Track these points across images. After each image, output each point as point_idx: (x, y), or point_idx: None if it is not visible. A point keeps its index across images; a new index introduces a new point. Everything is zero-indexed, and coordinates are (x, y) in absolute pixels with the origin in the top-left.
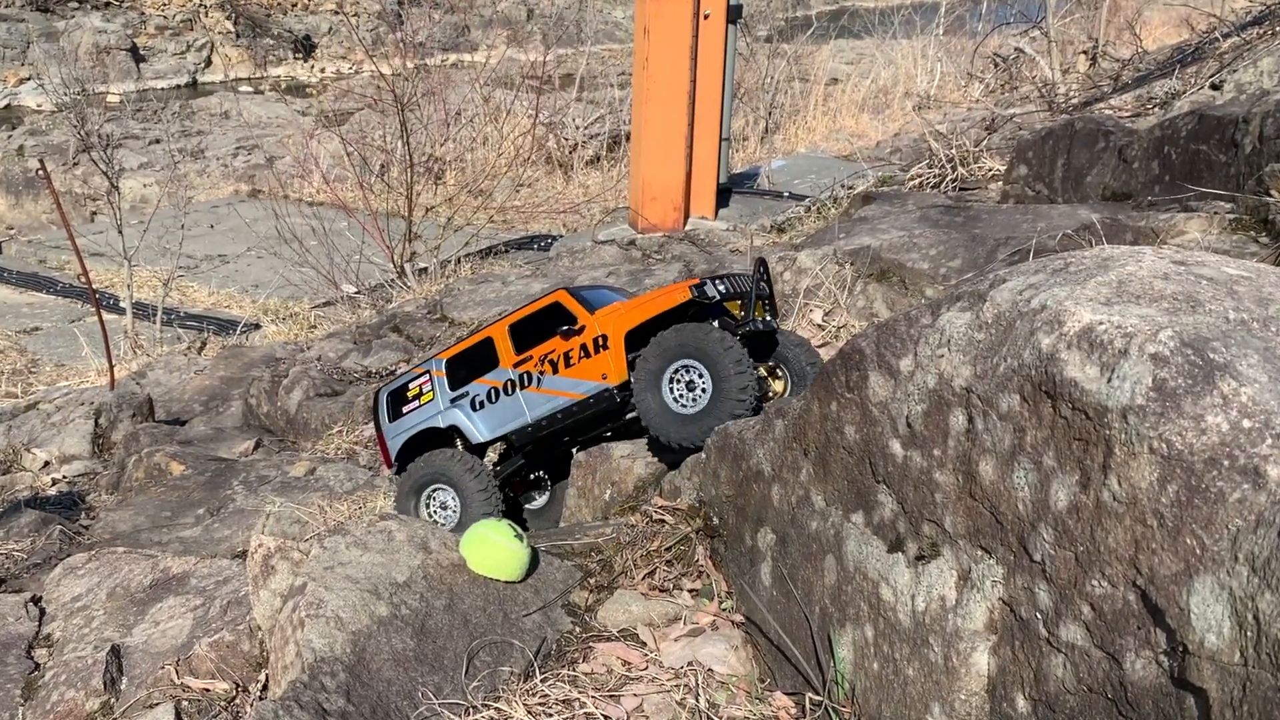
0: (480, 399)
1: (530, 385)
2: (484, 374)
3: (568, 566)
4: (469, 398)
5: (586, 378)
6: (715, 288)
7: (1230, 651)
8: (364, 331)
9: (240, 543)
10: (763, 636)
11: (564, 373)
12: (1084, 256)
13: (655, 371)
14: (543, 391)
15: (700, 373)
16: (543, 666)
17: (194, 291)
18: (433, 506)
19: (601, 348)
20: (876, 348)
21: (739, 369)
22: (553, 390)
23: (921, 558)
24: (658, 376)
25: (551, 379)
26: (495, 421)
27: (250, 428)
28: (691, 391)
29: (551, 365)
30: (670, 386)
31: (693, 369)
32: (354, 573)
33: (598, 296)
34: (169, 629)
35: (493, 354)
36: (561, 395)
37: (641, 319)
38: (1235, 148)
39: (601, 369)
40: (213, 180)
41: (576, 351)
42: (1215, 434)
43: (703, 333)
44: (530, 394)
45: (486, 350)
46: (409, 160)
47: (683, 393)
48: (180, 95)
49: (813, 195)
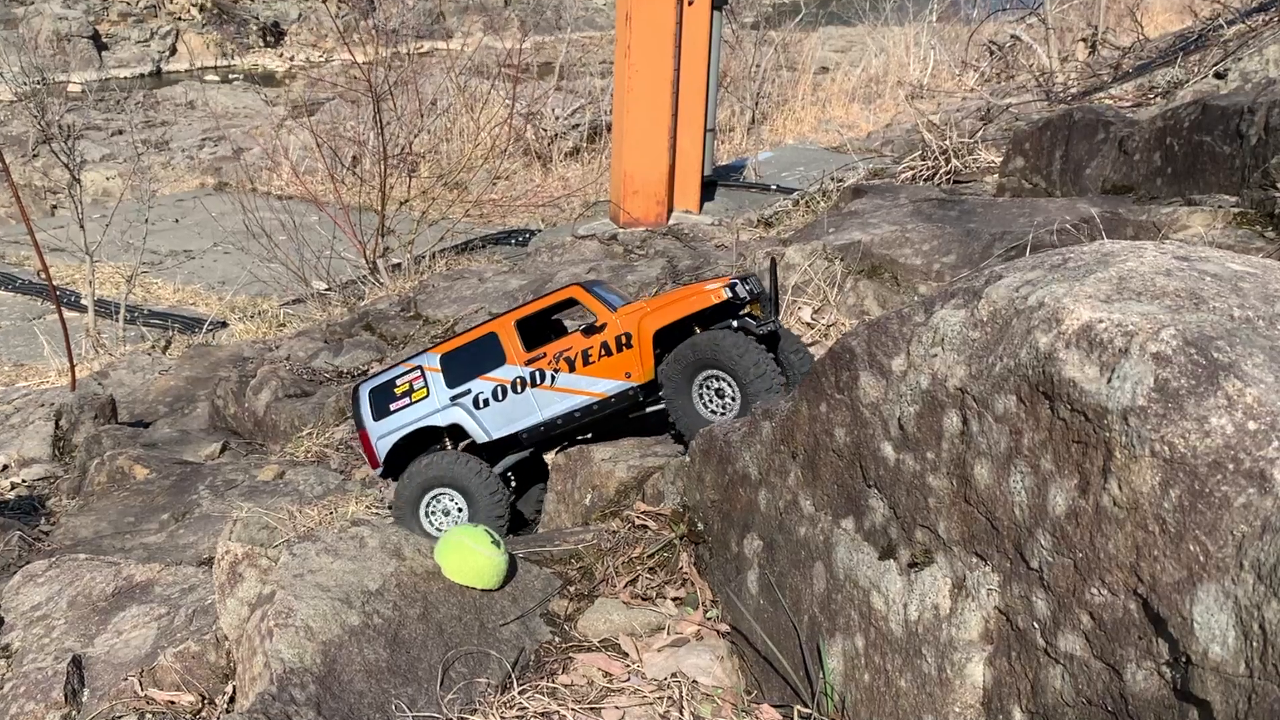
0: (485, 397)
1: (543, 383)
2: (488, 371)
3: (547, 574)
4: (471, 395)
5: (608, 376)
6: (745, 289)
7: (1235, 662)
8: (335, 330)
9: (206, 549)
10: (749, 647)
11: (582, 370)
12: (1083, 252)
13: (683, 381)
14: (557, 389)
15: (727, 381)
16: (521, 678)
17: (158, 288)
18: (435, 512)
19: (625, 346)
20: (867, 347)
21: (760, 371)
22: (569, 389)
23: (914, 565)
24: (687, 385)
25: (568, 377)
26: (502, 420)
27: (217, 430)
28: (722, 399)
29: (568, 363)
30: (700, 393)
31: (720, 378)
32: (324, 580)
33: (613, 296)
34: (132, 639)
35: (498, 350)
36: (579, 394)
37: (672, 319)
38: (1240, 139)
39: (626, 367)
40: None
41: (597, 349)
42: (1219, 436)
43: (718, 340)
44: (543, 392)
45: (490, 346)
46: (382, 152)
47: (712, 398)
48: (144, 84)
49: (801, 188)
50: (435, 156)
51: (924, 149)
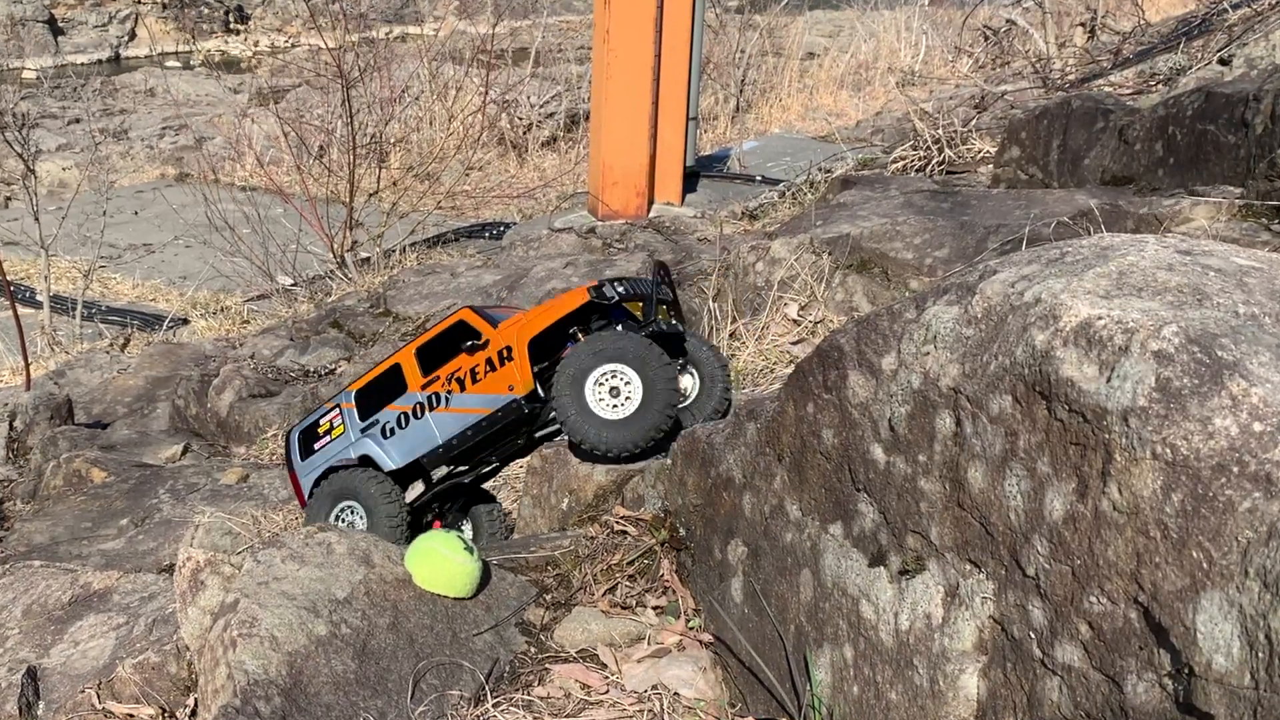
0: (390, 426)
1: (439, 406)
2: (393, 400)
3: (522, 582)
4: (379, 426)
5: (494, 391)
6: (615, 289)
7: (1240, 674)
8: (301, 327)
9: (167, 556)
10: (733, 657)
11: (471, 389)
12: (1081, 246)
13: (577, 377)
14: (451, 411)
15: (627, 379)
16: (494, 690)
17: (117, 284)
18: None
19: (506, 359)
20: (856, 344)
21: (666, 370)
22: (461, 408)
23: (905, 572)
24: (579, 382)
25: (459, 397)
26: (407, 447)
27: (178, 431)
28: (616, 397)
29: (459, 383)
30: (594, 390)
31: (619, 374)
32: (290, 588)
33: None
34: (90, 649)
35: (401, 379)
36: (470, 412)
37: (543, 325)
38: (1245, 128)
39: (508, 381)
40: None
41: (482, 366)
42: (1224, 438)
43: (626, 337)
44: (440, 415)
45: (395, 376)
46: (351, 141)
47: (605, 396)
48: (102, 71)
49: (787, 179)
50: (406, 146)
51: (915, 138)
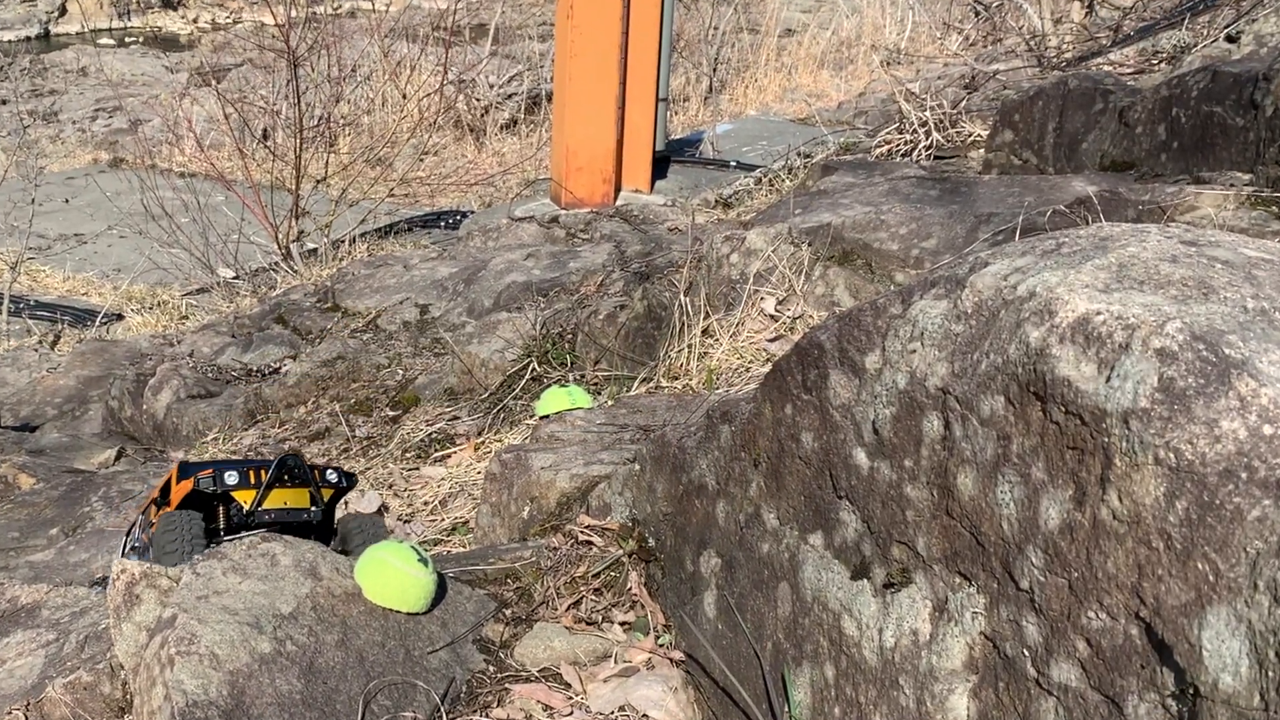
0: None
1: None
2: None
3: (480, 595)
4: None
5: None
6: (224, 480)
7: (1249, 694)
8: (244, 323)
9: (100, 568)
10: (706, 676)
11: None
12: (1079, 236)
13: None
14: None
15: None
16: (451, 711)
17: (46, 276)
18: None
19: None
20: (838, 342)
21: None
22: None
23: (890, 585)
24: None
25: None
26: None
27: (112, 434)
28: None
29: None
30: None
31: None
32: (232, 603)
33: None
34: (17, 668)
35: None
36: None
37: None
38: (1254, 110)
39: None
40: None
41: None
42: (1231, 442)
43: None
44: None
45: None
46: (297, 123)
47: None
48: (30, 49)
49: (764, 165)
50: (356, 129)
51: (901, 121)
